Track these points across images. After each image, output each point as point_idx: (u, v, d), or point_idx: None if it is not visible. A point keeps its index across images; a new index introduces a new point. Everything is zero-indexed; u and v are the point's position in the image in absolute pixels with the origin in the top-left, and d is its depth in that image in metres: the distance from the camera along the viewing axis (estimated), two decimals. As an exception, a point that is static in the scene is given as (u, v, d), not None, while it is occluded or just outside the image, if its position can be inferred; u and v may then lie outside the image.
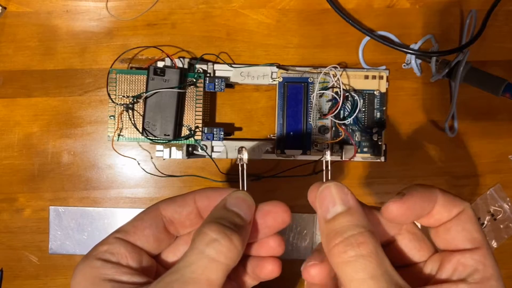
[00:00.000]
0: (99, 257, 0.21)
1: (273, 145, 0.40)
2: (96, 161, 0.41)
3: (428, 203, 0.20)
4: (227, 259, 0.19)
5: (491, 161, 0.42)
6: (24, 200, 0.41)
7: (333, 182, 0.20)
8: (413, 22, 0.42)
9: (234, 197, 0.21)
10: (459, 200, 0.21)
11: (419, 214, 0.20)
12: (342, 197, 0.20)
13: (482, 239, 0.20)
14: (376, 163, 0.42)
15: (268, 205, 0.22)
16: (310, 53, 0.41)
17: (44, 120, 0.41)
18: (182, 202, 0.23)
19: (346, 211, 0.19)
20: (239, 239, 0.19)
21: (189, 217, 0.23)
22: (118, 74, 0.37)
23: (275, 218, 0.22)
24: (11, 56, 0.41)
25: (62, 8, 0.41)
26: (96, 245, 0.22)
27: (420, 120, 0.42)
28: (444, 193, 0.20)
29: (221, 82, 0.38)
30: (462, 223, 0.20)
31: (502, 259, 0.43)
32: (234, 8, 0.41)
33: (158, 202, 0.23)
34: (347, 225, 0.19)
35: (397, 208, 0.20)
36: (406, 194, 0.20)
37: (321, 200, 0.20)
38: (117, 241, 0.22)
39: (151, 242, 0.22)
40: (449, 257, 0.20)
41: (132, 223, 0.22)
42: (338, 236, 0.19)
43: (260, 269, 0.22)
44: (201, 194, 0.23)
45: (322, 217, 0.20)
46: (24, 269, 0.41)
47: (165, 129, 0.37)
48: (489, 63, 0.42)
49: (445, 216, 0.20)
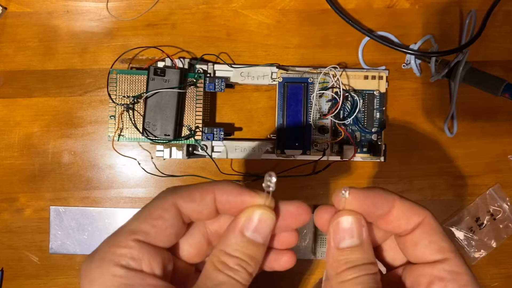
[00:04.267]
0: (120, 263, 0.19)
1: (273, 145, 0.40)
2: (96, 161, 0.41)
3: (382, 203, 0.20)
4: (244, 281, 0.20)
5: (490, 161, 0.42)
6: (25, 200, 0.41)
7: (355, 216, 0.21)
8: (412, 23, 0.42)
9: (252, 220, 0.21)
10: (419, 208, 0.21)
11: (371, 210, 0.20)
12: (359, 231, 0.20)
13: (451, 247, 0.20)
14: (375, 163, 0.42)
15: (291, 206, 0.22)
16: (310, 53, 0.42)
17: (45, 120, 0.41)
18: (202, 202, 0.21)
19: (360, 245, 0.20)
20: (253, 269, 0.21)
21: (208, 216, 0.22)
22: (119, 74, 0.37)
23: (297, 220, 0.22)
24: (11, 56, 0.41)
25: (63, 8, 0.41)
26: (108, 243, 0.20)
27: (420, 120, 0.42)
28: (403, 200, 0.21)
29: (221, 82, 0.38)
30: (428, 235, 0.20)
31: (502, 259, 0.43)
32: (234, 8, 0.41)
33: (174, 196, 0.21)
34: (359, 257, 0.20)
35: (351, 195, 0.20)
36: (361, 188, 0.21)
37: (337, 228, 0.21)
38: (137, 244, 0.20)
39: (172, 239, 0.21)
40: (422, 270, 0.20)
41: (151, 222, 0.20)
42: (349, 264, 0.20)
43: (276, 261, 0.23)
44: (222, 193, 0.21)
45: (335, 243, 0.21)
46: (24, 268, 0.41)
47: (165, 129, 0.37)
48: (488, 63, 0.42)
49: (404, 223, 0.21)
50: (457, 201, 0.42)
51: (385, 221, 0.21)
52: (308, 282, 0.42)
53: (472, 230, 0.42)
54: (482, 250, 0.42)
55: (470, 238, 0.42)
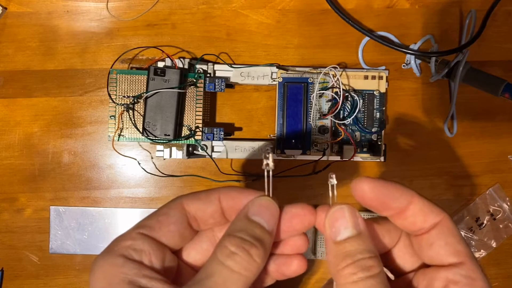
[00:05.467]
0: (121, 253, 0.20)
1: (273, 145, 0.40)
2: (96, 161, 0.41)
3: (401, 197, 0.20)
4: (247, 271, 0.19)
5: (490, 161, 0.42)
6: (25, 200, 0.41)
7: (346, 205, 0.20)
8: (412, 23, 0.42)
9: (257, 205, 0.21)
10: (438, 209, 0.20)
11: (390, 204, 0.20)
12: (354, 220, 0.20)
13: (467, 251, 0.20)
14: (375, 163, 0.42)
15: (295, 207, 0.22)
16: (310, 54, 0.42)
17: (45, 120, 0.41)
18: (207, 200, 0.22)
19: (357, 235, 0.20)
20: (258, 253, 0.20)
21: (213, 215, 0.22)
22: (119, 74, 0.37)
23: (302, 222, 0.22)
24: (11, 56, 0.41)
25: (63, 8, 0.41)
26: (117, 238, 0.21)
27: (420, 120, 0.42)
28: (421, 197, 0.20)
29: (221, 82, 0.38)
30: (444, 236, 0.20)
31: (502, 259, 0.43)
32: (234, 8, 0.41)
33: (181, 197, 0.22)
34: (358, 249, 0.19)
35: (368, 185, 0.20)
36: (380, 179, 0.20)
37: (332, 222, 0.20)
38: (141, 237, 0.21)
39: (176, 238, 0.22)
40: (436, 274, 0.20)
41: (157, 218, 0.21)
42: (348, 258, 0.19)
43: (286, 266, 0.22)
44: (226, 194, 0.22)
45: (332, 238, 0.20)
46: (24, 268, 0.41)
47: (165, 129, 0.37)
48: (488, 63, 0.42)
49: (420, 221, 0.20)
50: (457, 201, 0.42)
51: (401, 216, 0.20)
52: (308, 282, 0.42)
53: (472, 230, 0.42)
54: (482, 250, 0.42)
55: (470, 238, 0.42)
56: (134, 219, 0.41)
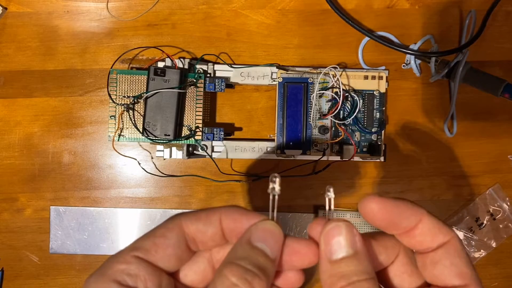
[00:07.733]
0: (115, 278, 0.19)
1: (273, 145, 0.40)
2: (96, 161, 0.41)
3: (411, 216, 0.19)
4: None
5: (490, 161, 0.42)
6: (25, 200, 0.41)
7: (344, 222, 0.19)
8: (412, 23, 0.42)
9: (261, 230, 0.20)
10: (446, 228, 0.19)
11: (398, 223, 0.19)
12: (351, 239, 0.19)
13: (472, 274, 0.19)
14: (375, 163, 0.42)
15: (298, 243, 0.20)
16: (310, 54, 0.42)
17: (45, 120, 0.41)
18: (207, 221, 0.21)
19: (353, 255, 0.19)
20: (261, 285, 0.18)
21: (213, 238, 0.21)
22: (119, 75, 0.38)
23: (302, 260, 0.20)
24: (11, 56, 0.41)
25: (63, 8, 0.41)
26: (111, 259, 0.20)
27: (420, 120, 0.42)
28: (431, 216, 0.20)
29: (221, 82, 0.38)
30: (451, 257, 0.19)
31: (502, 259, 0.43)
32: (234, 8, 0.41)
33: (180, 216, 0.21)
34: (354, 270, 0.18)
35: (377, 204, 0.19)
36: (389, 197, 0.19)
37: (327, 239, 0.19)
38: (136, 260, 0.19)
39: (173, 262, 0.20)
40: None
41: (153, 240, 0.20)
42: (343, 280, 0.18)
43: None
44: (228, 215, 0.21)
45: (327, 256, 0.19)
46: (25, 268, 0.41)
47: (165, 129, 0.37)
48: (488, 63, 0.42)
49: (428, 241, 0.19)
50: (457, 201, 0.42)
51: (409, 235, 0.20)
52: (308, 282, 0.42)
53: (472, 230, 0.42)
54: (482, 250, 0.42)
55: (470, 238, 0.42)
56: (134, 219, 0.41)
